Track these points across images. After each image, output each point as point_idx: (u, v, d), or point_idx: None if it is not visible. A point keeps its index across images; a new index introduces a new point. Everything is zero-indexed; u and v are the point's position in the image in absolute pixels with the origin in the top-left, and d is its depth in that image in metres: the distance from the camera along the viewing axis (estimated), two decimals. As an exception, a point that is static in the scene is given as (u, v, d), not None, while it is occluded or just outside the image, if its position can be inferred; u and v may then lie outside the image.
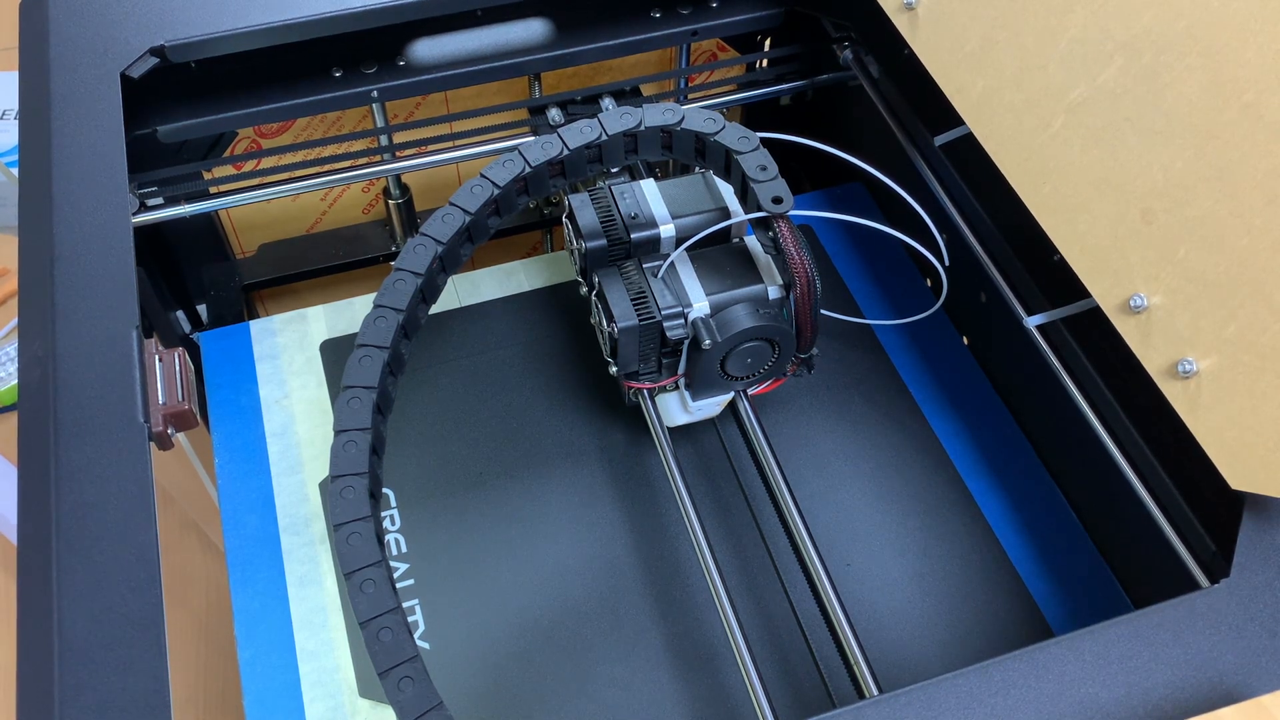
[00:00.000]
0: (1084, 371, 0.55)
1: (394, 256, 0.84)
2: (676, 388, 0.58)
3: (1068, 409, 0.55)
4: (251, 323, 0.69)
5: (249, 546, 0.58)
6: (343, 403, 0.47)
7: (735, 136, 0.53)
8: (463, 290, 0.71)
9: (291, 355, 0.67)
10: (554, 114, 0.73)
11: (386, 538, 0.58)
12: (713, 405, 0.59)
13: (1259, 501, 0.45)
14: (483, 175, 0.53)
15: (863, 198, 0.79)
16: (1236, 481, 0.43)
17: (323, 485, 0.60)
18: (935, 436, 0.64)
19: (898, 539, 0.59)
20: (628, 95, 0.76)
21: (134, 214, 0.63)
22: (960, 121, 0.57)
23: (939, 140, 0.65)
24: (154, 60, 0.62)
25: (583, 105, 0.75)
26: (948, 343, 0.70)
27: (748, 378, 0.56)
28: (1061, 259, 0.51)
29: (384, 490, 0.60)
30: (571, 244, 0.58)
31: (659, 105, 0.55)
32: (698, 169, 0.58)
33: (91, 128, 0.58)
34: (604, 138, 0.54)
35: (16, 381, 0.52)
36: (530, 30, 0.71)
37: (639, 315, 0.53)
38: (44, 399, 0.48)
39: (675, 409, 0.59)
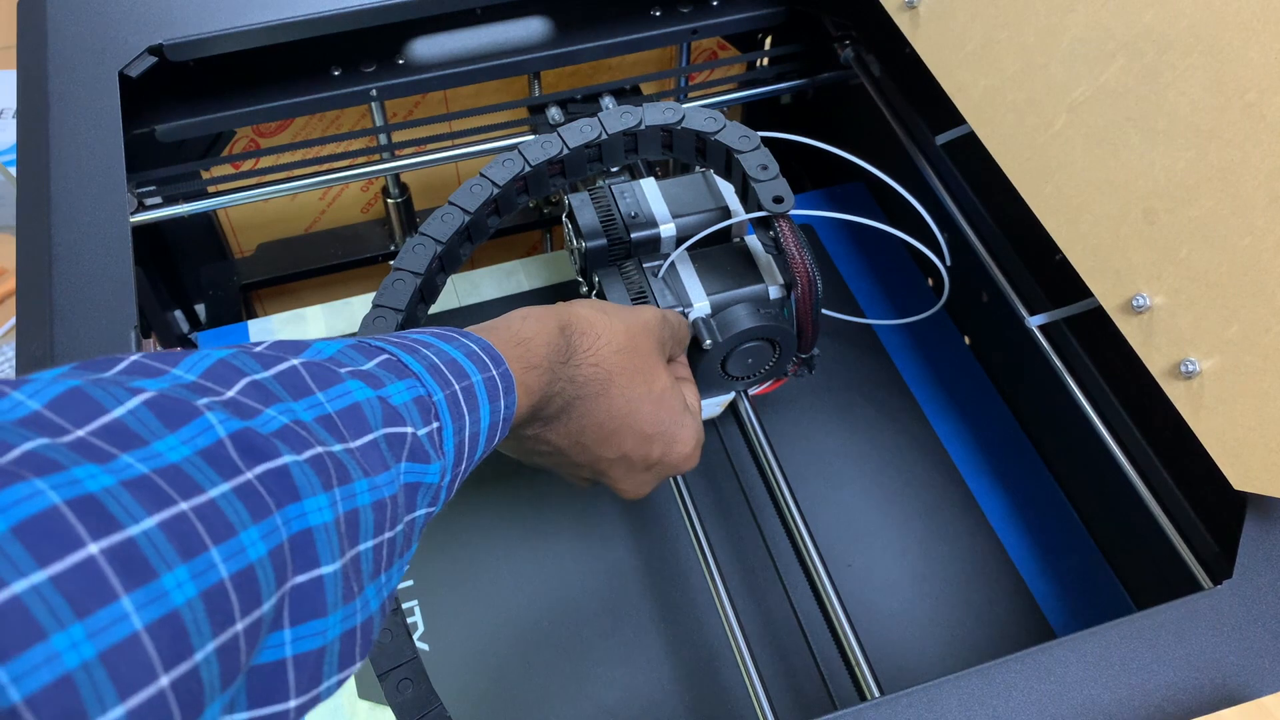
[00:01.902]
0: (1086, 372, 0.55)
1: (393, 256, 0.84)
2: (677, 388, 0.57)
3: (1070, 409, 0.55)
4: (250, 322, 0.69)
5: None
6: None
7: (736, 135, 0.53)
8: (462, 290, 0.71)
9: (290, 355, 0.67)
10: (553, 113, 0.73)
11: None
12: (713, 405, 0.59)
13: (1262, 502, 0.45)
14: (482, 174, 0.53)
15: (864, 197, 0.79)
16: (1239, 482, 0.43)
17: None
18: (937, 437, 0.64)
19: (899, 539, 0.59)
20: (628, 94, 0.75)
21: (132, 213, 0.63)
22: (962, 120, 0.57)
23: (940, 139, 0.65)
24: (152, 59, 0.61)
25: (582, 104, 0.74)
26: (949, 343, 0.70)
27: (748, 378, 0.56)
28: (1063, 259, 0.50)
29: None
30: (571, 243, 0.57)
31: (659, 104, 0.55)
32: (698, 168, 0.57)
33: (90, 127, 0.58)
34: (604, 137, 0.54)
35: (14, 382, 0.52)
36: (530, 29, 0.71)
37: (639, 315, 0.53)
38: (42, 399, 0.48)
39: (675, 409, 0.59)
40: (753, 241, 0.57)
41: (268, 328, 0.68)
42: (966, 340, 0.70)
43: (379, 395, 0.28)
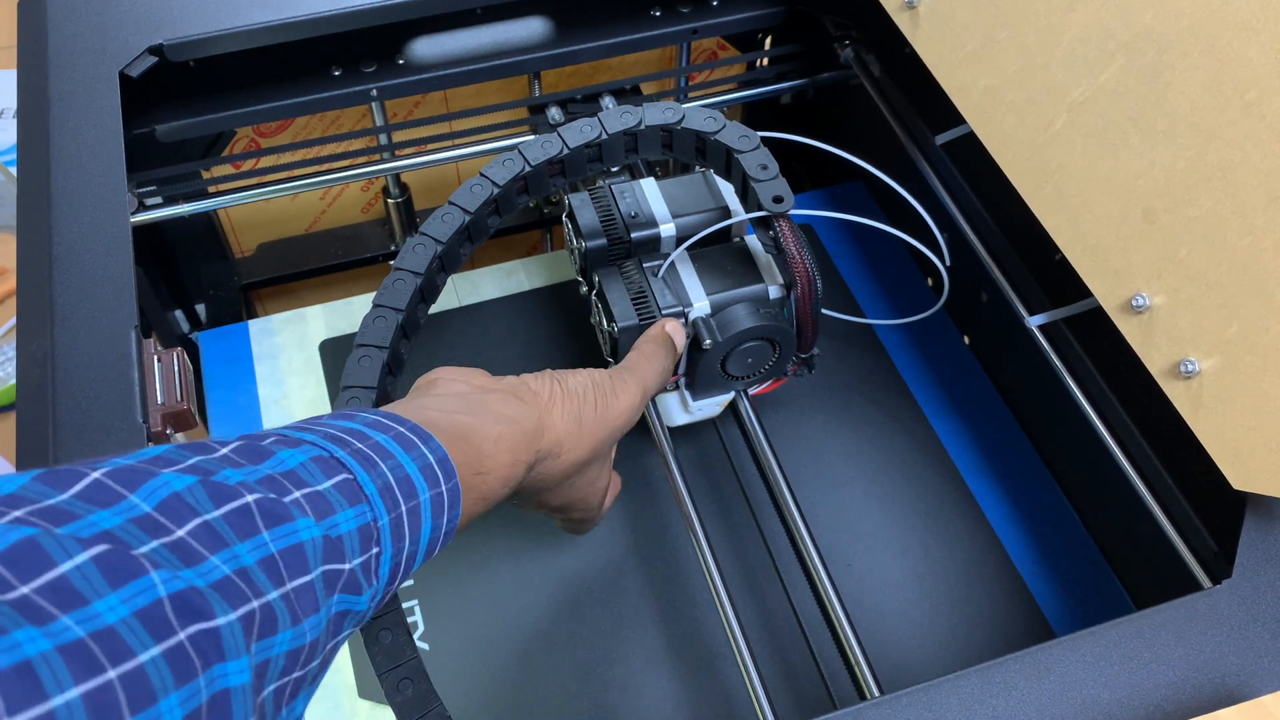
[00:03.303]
0: (1086, 371, 0.55)
1: (393, 256, 0.84)
2: (677, 388, 0.57)
3: (1069, 409, 0.55)
4: (250, 322, 0.69)
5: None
6: (342, 403, 0.47)
7: (736, 135, 0.53)
8: (462, 290, 0.71)
9: (290, 355, 0.67)
10: (554, 113, 0.73)
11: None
12: (713, 405, 0.59)
13: (1261, 502, 0.45)
14: (482, 174, 0.53)
15: (864, 197, 0.79)
16: (1239, 482, 0.43)
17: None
18: (936, 436, 0.64)
19: (899, 539, 0.59)
20: (628, 94, 0.75)
21: (132, 213, 0.63)
22: (961, 120, 0.57)
23: (940, 139, 0.65)
24: (152, 59, 0.62)
25: (582, 104, 0.74)
26: (949, 342, 0.70)
27: (748, 377, 0.56)
28: (1063, 258, 0.50)
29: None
30: (571, 243, 0.57)
31: (659, 104, 0.55)
32: (698, 168, 0.57)
33: (90, 126, 0.58)
34: (604, 137, 0.54)
35: (15, 381, 0.52)
36: (530, 29, 0.71)
37: (639, 315, 0.53)
38: (42, 399, 0.48)
39: (675, 409, 0.59)
40: (753, 241, 0.57)
41: (268, 328, 0.68)
42: (966, 340, 0.70)
43: (324, 533, 0.30)
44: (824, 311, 0.54)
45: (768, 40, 0.83)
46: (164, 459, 0.28)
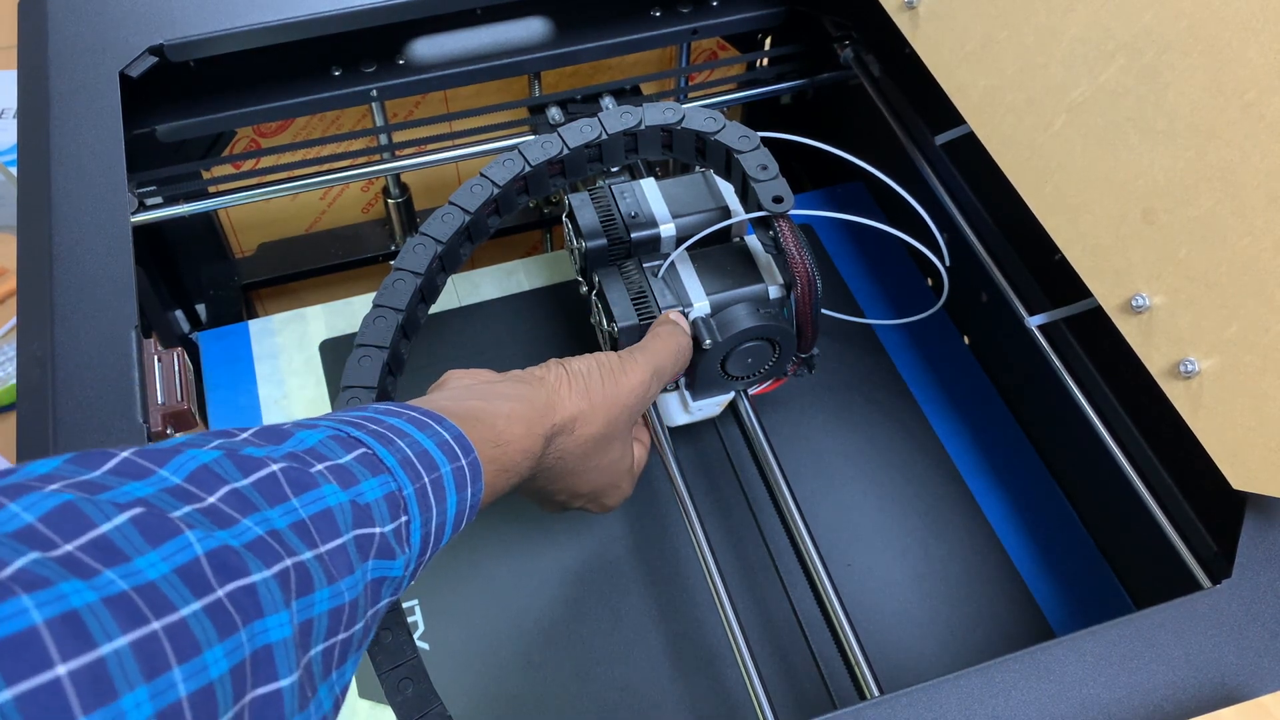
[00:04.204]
0: (1085, 371, 0.55)
1: (393, 256, 0.84)
2: (677, 388, 0.58)
3: (1069, 409, 0.55)
4: (250, 322, 0.69)
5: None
6: (342, 403, 0.47)
7: (736, 135, 0.53)
8: (462, 290, 0.71)
9: (290, 355, 0.67)
10: (554, 113, 0.73)
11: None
12: (713, 405, 0.59)
13: (1261, 502, 0.45)
14: (482, 174, 0.53)
15: (863, 197, 0.79)
16: (1238, 482, 0.43)
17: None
18: (936, 436, 0.64)
19: (899, 539, 0.59)
20: (628, 94, 0.75)
21: (133, 213, 0.63)
22: (961, 121, 0.57)
23: (940, 139, 0.65)
24: (153, 59, 0.62)
25: (582, 104, 0.74)
26: (949, 342, 0.70)
27: (748, 377, 0.56)
28: (1063, 258, 0.51)
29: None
30: (571, 243, 0.57)
31: (659, 104, 0.55)
32: (698, 168, 0.57)
33: (90, 127, 0.58)
34: (604, 137, 0.54)
35: (15, 381, 0.52)
36: (530, 29, 0.71)
37: (639, 315, 0.53)
38: (43, 399, 0.48)
39: (675, 409, 0.59)
40: (753, 241, 0.57)
41: (268, 327, 0.68)
42: (966, 340, 0.70)
43: (351, 499, 0.30)
44: (824, 311, 0.54)
45: (768, 40, 0.83)
46: (188, 443, 0.28)
